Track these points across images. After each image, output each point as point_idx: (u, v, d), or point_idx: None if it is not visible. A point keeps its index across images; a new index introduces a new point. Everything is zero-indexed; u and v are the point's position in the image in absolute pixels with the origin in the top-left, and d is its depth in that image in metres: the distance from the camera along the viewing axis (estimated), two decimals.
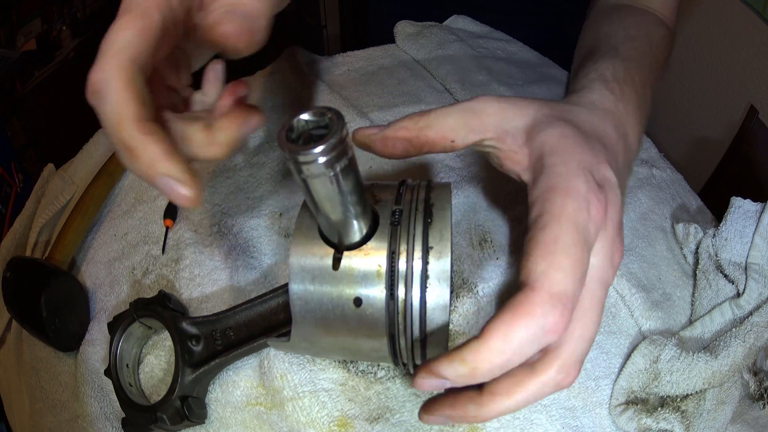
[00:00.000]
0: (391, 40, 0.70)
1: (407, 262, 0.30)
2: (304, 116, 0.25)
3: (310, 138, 0.25)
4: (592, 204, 0.29)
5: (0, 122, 1.22)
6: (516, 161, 0.34)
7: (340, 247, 0.30)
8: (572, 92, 0.41)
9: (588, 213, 0.28)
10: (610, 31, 0.50)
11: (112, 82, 0.24)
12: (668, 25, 0.55)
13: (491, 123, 0.34)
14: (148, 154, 0.24)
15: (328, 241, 0.31)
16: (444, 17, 0.73)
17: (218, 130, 0.28)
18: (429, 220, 0.31)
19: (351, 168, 0.26)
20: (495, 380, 0.28)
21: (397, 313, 0.30)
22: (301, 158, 0.24)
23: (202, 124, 0.27)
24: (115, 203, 0.53)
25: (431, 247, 0.30)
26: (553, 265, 0.26)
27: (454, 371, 0.26)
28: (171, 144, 0.24)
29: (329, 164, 0.24)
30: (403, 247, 0.30)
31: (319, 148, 0.24)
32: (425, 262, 0.30)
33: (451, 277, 0.31)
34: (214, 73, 0.32)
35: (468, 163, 0.52)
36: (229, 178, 0.52)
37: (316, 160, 0.24)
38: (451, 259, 0.31)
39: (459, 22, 0.73)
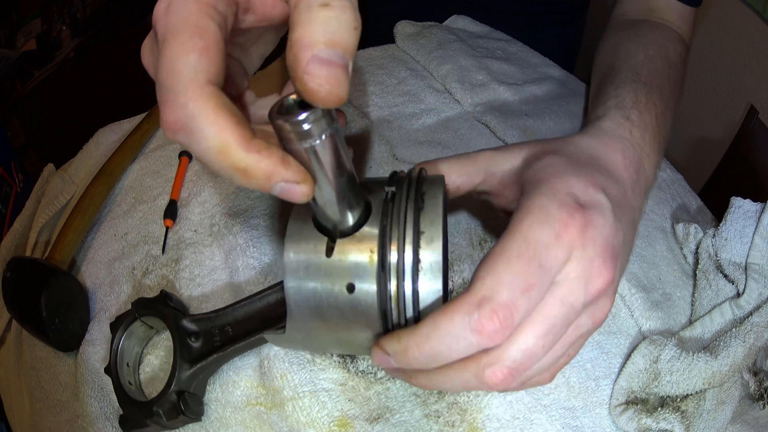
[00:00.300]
0: (391, 40, 0.70)
1: (398, 248, 0.30)
2: (293, 96, 0.25)
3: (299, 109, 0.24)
4: (562, 223, 0.29)
5: (0, 122, 1.22)
6: (505, 199, 0.37)
7: (333, 235, 0.30)
8: (588, 121, 0.41)
9: (552, 230, 0.28)
10: (630, 51, 0.49)
11: (202, 114, 0.22)
12: (684, 39, 0.55)
13: (481, 168, 0.37)
14: (263, 169, 0.23)
15: (322, 229, 0.31)
16: (444, 18, 0.73)
17: None
18: (421, 206, 0.31)
19: (339, 138, 0.25)
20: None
21: (390, 299, 0.30)
22: (290, 124, 0.23)
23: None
24: (115, 203, 0.53)
25: (423, 232, 0.30)
26: (490, 273, 0.27)
27: (392, 347, 0.29)
28: (277, 150, 0.24)
29: (318, 128, 0.24)
30: (395, 233, 0.30)
31: (306, 113, 0.23)
32: (416, 247, 0.30)
33: (445, 266, 0.31)
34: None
35: None
36: None
37: (303, 122, 0.23)
38: (445, 244, 0.31)
39: (459, 22, 0.73)
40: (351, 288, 0.30)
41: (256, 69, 0.33)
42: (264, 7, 0.27)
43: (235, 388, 0.38)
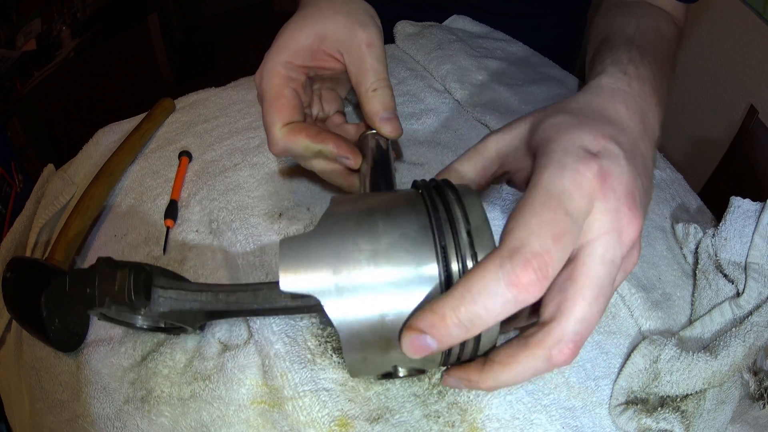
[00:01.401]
0: (391, 40, 0.70)
1: (460, 265, 0.29)
2: (372, 131, 0.44)
3: None
4: (578, 173, 0.28)
5: (0, 122, 1.22)
6: (523, 172, 0.36)
7: None
8: (587, 81, 0.41)
9: (571, 180, 0.28)
10: (623, 23, 0.50)
11: (287, 141, 0.42)
12: (677, 24, 0.55)
13: (492, 154, 0.37)
14: (326, 147, 0.41)
15: None
16: (444, 19, 0.73)
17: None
18: (468, 228, 0.30)
19: (389, 150, 0.43)
20: (495, 350, 0.30)
21: (450, 354, 0.30)
22: (371, 136, 0.44)
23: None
24: (115, 203, 0.53)
25: (476, 253, 0.29)
26: (517, 224, 0.27)
27: (425, 320, 0.27)
28: (333, 134, 0.42)
29: (383, 140, 0.43)
30: (452, 254, 0.29)
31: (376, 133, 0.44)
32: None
33: None
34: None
35: None
36: (228, 178, 0.52)
37: (376, 135, 0.44)
38: None
39: (459, 22, 0.73)
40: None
41: (346, 92, 0.51)
42: (325, 71, 0.45)
43: (240, 386, 0.38)
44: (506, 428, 0.36)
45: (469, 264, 0.29)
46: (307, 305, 0.37)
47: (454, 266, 0.29)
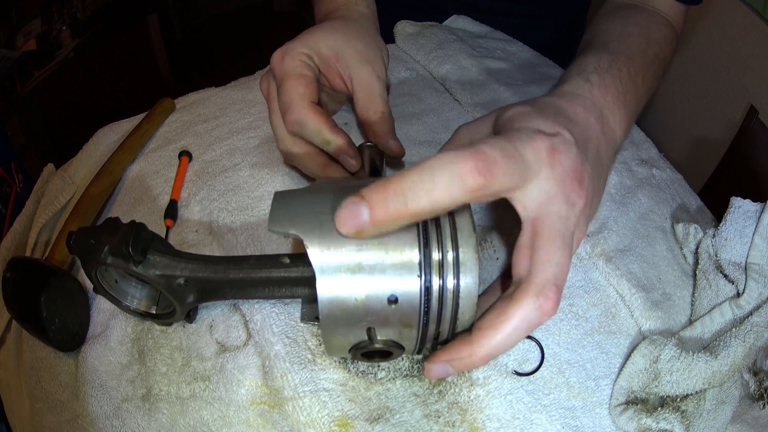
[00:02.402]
0: (391, 40, 0.70)
1: (441, 252, 0.30)
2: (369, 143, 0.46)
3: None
4: (533, 141, 0.31)
5: (0, 122, 1.22)
6: None
7: None
8: (552, 88, 0.43)
9: (527, 146, 0.31)
10: (607, 28, 0.52)
11: (308, 116, 0.42)
12: (674, 26, 0.55)
13: (465, 143, 0.40)
14: (338, 143, 0.43)
15: None
16: (444, 20, 0.73)
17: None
18: (454, 228, 0.31)
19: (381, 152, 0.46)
20: (480, 318, 0.31)
21: (430, 303, 0.30)
22: (368, 147, 0.46)
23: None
24: (115, 203, 0.53)
25: (459, 231, 0.31)
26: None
27: (453, 354, 0.31)
28: (347, 135, 0.43)
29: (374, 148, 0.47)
30: (433, 236, 0.31)
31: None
32: (456, 252, 0.30)
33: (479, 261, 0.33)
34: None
35: None
36: (228, 178, 0.52)
37: (369, 143, 0.47)
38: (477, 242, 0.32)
39: (459, 22, 0.73)
40: (393, 299, 0.30)
41: (333, 109, 0.55)
42: (327, 85, 0.49)
43: (240, 386, 0.38)
44: (506, 428, 0.36)
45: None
46: (291, 276, 0.36)
47: (432, 230, 0.31)
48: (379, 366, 0.39)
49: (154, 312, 0.40)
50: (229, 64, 1.98)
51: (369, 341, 0.32)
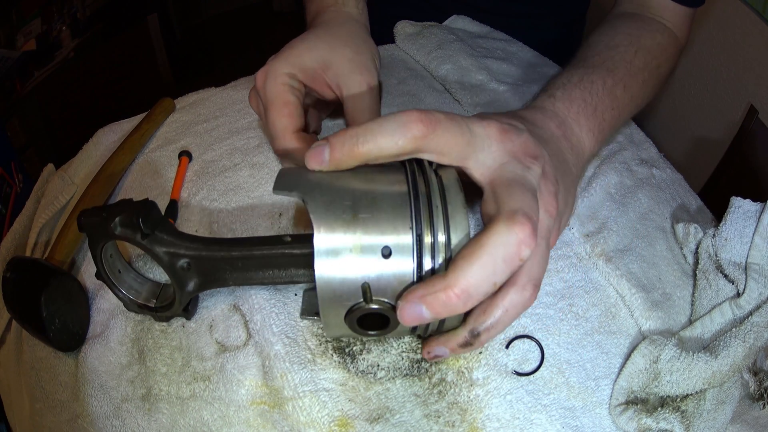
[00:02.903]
0: (391, 40, 0.70)
1: (432, 223, 0.31)
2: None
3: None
4: (485, 123, 0.34)
5: (0, 122, 1.22)
6: None
7: None
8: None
9: (479, 126, 0.34)
10: (595, 41, 0.53)
11: (293, 147, 0.43)
12: (676, 32, 0.55)
13: None
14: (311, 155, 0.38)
15: None
16: (444, 20, 0.73)
17: None
18: (442, 185, 0.33)
19: None
20: (455, 255, 0.31)
21: (422, 270, 0.31)
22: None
23: None
24: None
25: (450, 206, 0.32)
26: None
27: (428, 288, 0.31)
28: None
29: None
30: (424, 208, 0.32)
31: None
32: (448, 233, 0.31)
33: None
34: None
35: None
36: (228, 178, 0.52)
37: None
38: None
39: (459, 22, 0.73)
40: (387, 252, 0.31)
41: (326, 116, 0.55)
42: (317, 95, 0.48)
43: (240, 386, 0.38)
44: (506, 428, 0.36)
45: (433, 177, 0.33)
46: (293, 253, 0.37)
47: (420, 180, 0.33)
48: (378, 366, 0.39)
49: (152, 305, 0.40)
50: (229, 64, 1.98)
51: (364, 301, 0.32)
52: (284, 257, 0.37)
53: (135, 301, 0.40)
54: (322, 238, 0.31)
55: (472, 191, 0.35)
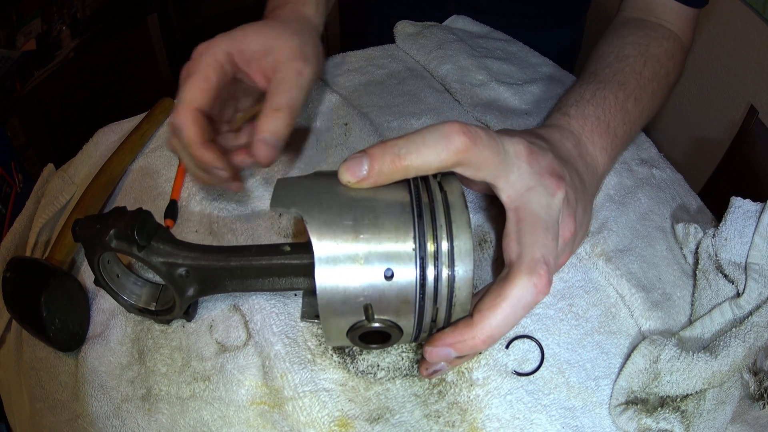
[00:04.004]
0: (391, 40, 0.70)
1: (436, 242, 0.31)
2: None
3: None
4: (514, 142, 0.34)
5: (0, 122, 1.22)
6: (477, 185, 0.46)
7: None
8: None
9: (510, 143, 0.34)
10: (604, 52, 0.53)
11: (185, 123, 0.40)
12: (681, 36, 0.56)
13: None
14: (205, 159, 0.40)
15: None
16: (444, 20, 0.73)
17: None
18: (447, 204, 0.33)
19: None
20: (479, 302, 0.32)
21: (426, 278, 0.31)
22: None
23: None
24: (115, 203, 0.53)
25: (453, 221, 0.32)
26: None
27: (454, 337, 0.33)
28: (218, 150, 0.41)
29: None
30: (428, 228, 0.31)
31: None
32: (451, 241, 0.31)
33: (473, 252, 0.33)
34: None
35: None
36: None
37: None
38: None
39: (459, 22, 0.73)
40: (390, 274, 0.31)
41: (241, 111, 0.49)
42: (250, 82, 0.45)
43: (240, 387, 0.38)
44: (506, 428, 0.36)
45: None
46: (291, 263, 0.37)
47: (424, 198, 0.33)
48: (378, 366, 0.39)
49: (153, 308, 0.40)
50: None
51: (366, 320, 0.32)
52: (283, 267, 0.37)
53: (135, 305, 0.40)
54: (323, 267, 0.31)
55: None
